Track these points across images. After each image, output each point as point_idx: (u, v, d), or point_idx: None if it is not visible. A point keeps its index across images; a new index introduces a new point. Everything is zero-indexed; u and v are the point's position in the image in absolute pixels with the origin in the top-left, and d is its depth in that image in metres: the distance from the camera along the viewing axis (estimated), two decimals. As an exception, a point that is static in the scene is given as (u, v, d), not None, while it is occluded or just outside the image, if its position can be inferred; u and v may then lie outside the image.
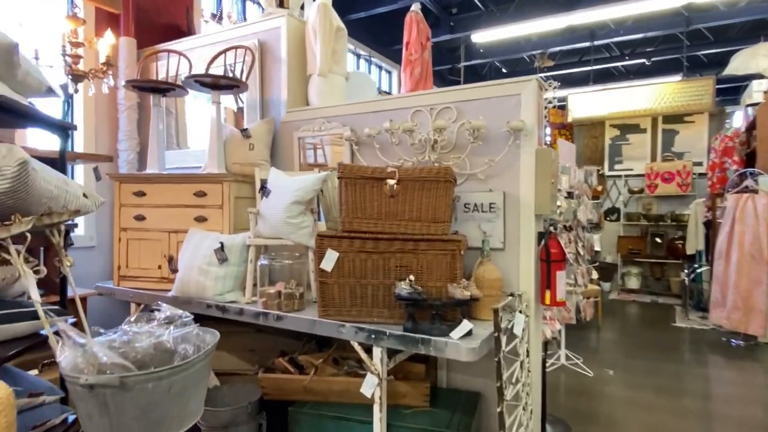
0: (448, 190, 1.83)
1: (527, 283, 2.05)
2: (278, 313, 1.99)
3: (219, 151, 2.60)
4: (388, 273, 1.85)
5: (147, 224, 2.58)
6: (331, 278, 1.87)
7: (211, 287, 2.22)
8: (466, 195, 2.16)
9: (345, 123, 2.53)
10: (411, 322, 1.72)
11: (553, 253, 2.03)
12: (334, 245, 1.87)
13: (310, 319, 1.89)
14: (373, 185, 1.88)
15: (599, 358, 4.08)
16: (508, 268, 2.09)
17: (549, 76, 7.44)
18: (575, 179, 3.22)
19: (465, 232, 2.16)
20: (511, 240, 2.09)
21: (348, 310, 1.87)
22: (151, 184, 2.57)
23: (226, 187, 2.46)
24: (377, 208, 1.87)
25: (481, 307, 1.91)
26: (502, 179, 2.11)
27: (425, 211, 1.84)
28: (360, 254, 1.86)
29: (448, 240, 1.80)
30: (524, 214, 2.06)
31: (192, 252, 2.33)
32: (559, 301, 2.06)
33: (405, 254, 1.83)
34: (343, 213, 1.90)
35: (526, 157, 2.05)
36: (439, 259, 1.81)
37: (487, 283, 1.91)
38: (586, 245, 3.39)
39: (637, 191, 7.17)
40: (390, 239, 1.84)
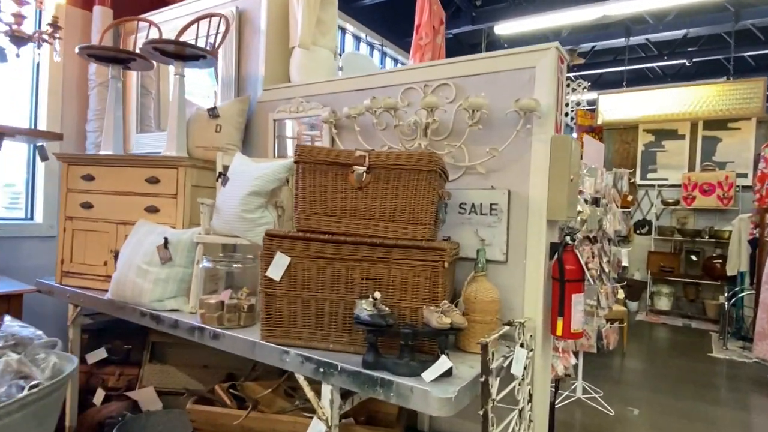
0: (433, 182, 1.41)
1: (534, 307, 1.61)
2: (215, 329, 1.59)
3: (180, 132, 2.23)
4: (352, 286, 1.43)
5: (94, 213, 2.23)
6: (279, 289, 1.47)
7: (148, 291, 1.84)
8: (462, 193, 1.73)
9: (325, 103, 2.13)
10: (372, 355, 1.30)
11: (569, 270, 1.58)
12: (285, 248, 1.47)
13: (250, 341, 1.49)
14: (337, 173, 1.46)
15: (622, 393, 3.56)
16: (510, 287, 1.64)
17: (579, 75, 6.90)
18: (602, 183, 2.74)
19: (459, 238, 1.73)
20: (516, 251, 1.65)
21: (298, 331, 1.47)
22: (100, 167, 2.22)
23: (181, 173, 2.08)
24: (341, 203, 1.46)
25: (471, 336, 1.48)
26: (507, 174, 1.67)
27: (401, 208, 1.42)
28: (317, 261, 1.45)
29: (429, 248, 1.38)
30: (534, 219, 1.61)
31: (133, 248, 1.96)
32: (574, 333, 1.60)
33: (373, 263, 1.42)
34: (298, 207, 1.49)
35: (538, 146, 1.61)
36: (417, 271, 1.39)
37: (479, 305, 1.48)
38: (612, 261, 2.90)
39: (672, 203, 6.56)
40: (355, 243, 1.42)
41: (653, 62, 7.50)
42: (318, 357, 1.34)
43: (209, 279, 1.87)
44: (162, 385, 2.11)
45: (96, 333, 2.28)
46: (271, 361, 1.44)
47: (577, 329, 1.60)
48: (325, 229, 1.47)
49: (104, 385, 2.20)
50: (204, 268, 1.73)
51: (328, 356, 1.37)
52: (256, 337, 1.50)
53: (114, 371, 2.23)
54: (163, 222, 2.09)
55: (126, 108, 2.99)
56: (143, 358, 2.18)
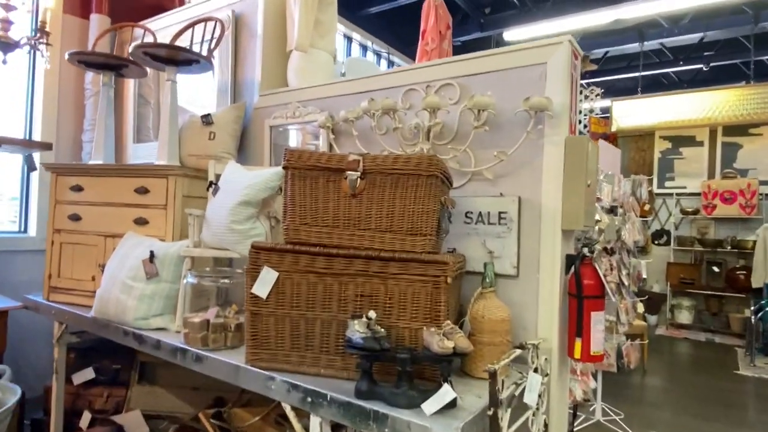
0: (434, 188, 1.27)
1: (548, 326, 1.45)
2: (198, 351, 1.46)
3: (171, 140, 2.12)
4: (345, 304, 1.30)
5: (83, 225, 2.13)
6: (266, 308, 1.34)
7: (132, 309, 1.72)
8: (468, 200, 1.59)
9: (323, 108, 2.01)
10: (365, 382, 1.16)
11: (587, 285, 1.42)
12: (272, 261, 1.34)
13: (234, 365, 1.35)
14: (329, 179, 1.34)
15: (644, 414, 3.35)
16: (522, 304, 1.49)
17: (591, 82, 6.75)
18: (620, 191, 2.58)
19: (465, 250, 1.59)
20: (528, 264, 1.50)
21: (286, 355, 1.33)
22: (89, 177, 2.12)
23: (171, 182, 1.97)
24: (333, 212, 1.33)
25: (479, 360, 1.33)
26: (517, 180, 1.53)
27: (399, 218, 1.28)
28: (307, 276, 1.32)
29: (430, 261, 1.23)
30: (547, 228, 1.47)
31: (119, 262, 1.84)
32: (594, 355, 1.44)
33: (369, 278, 1.28)
34: (287, 217, 1.36)
35: (551, 149, 1.46)
36: (416, 288, 1.24)
37: (488, 325, 1.33)
38: (632, 273, 2.73)
39: (691, 212, 6.33)
40: (348, 256, 1.29)
41: (668, 68, 7.31)
42: (305, 385, 1.19)
43: (198, 296, 1.75)
44: (150, 408, 1.98)
45: (83, 352, 2.16)
46: (256, 388, 1.30)
47: (597, 351, 1.44)
48: (315, 241, 1.33)
49: (91, 408, 2.08)
50: (189, 284, 1.60)
51: (318, 383, 1.23)
52: (242, 359, 1.36)
53: (102, 392, 2.11)
54: (153, 234, 1.97)
55: (123, 117, 2.92)
56: (131, 378, 2.06)
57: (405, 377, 1.13)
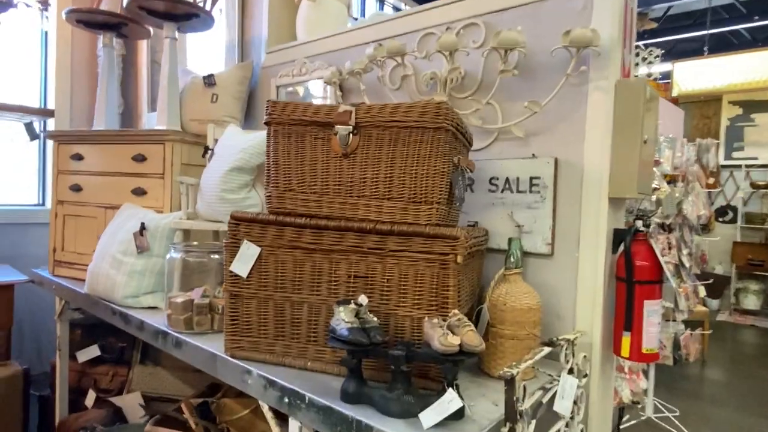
0: (443, 144, 1.02)
1: (589, 317, 1.19)
2: (178, 335, 1.29)
3: (171, 103, 1.95)
4: (336, 286, 1.08)
5: (83, 197, 2.01)
6: (247, 288, 1.14)
7: (122, 285, 1.58)
8: (493, 165, 1.33)
9: (332, 62, 1.77)
10: (353, 383, 0.94)
11: (641, 267, 1.14)
12: (254, 235, 1.14)
13: (210, 353, 1.17)
14: (317, 137, 1.11)
15: (701, 412, 2.99)
16: (556, 289, 1.23)
17: (650, 43, 6.11)
18: (682, 157, 2.21)
19: (489, 223, 1.34)
20: (565, 241, 1.22)
21: (270, 344, 1.13)
22: (88, 145, 1.99)
23: (168, 149, 1.81)
24: (322, 176, 1.10)
25: (498, 356, 1.09)
26: (553, 137, 1.25)
27: (400, 182, 1.04)
28: (293, 252, 1.11)
29: (436, 235, 0.99)
30: (590, 196, 1.19)
31: (110, 235, 1.71)
32: (646, 353, 1.17)
33: (363, 256, 1.05)
34: (270, 183, 1.15)
35: (597, 96, 1.17)
36: (420, 268, 1.01)
37: (511, 315, 1.08)
38: (694, 253, 2.37)
39: (763, 186, 5.68)
40: (339, 229, 1.06)
41: (740, 24, 6.51)
42: (283, 382, 0.99)
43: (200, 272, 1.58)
44: (152, 389, 1.87)
45: (89, 328, 2.07)
46: (233, 382, 1.12)
47: (650, 348, 1.16)
48: (302, 211, 1.12)
49: (96, 387, 1.99)
50: (173, 260, 1.43)
51: (303, 379, 1.03)
52: (220, 348, 1.18)
53: (107, 371, 2.02)
54: (150, 206, 1.82)
55: (137, 85, 2.79)
56: (132, 358, 1.95)
57: (400, 378, 0.91)
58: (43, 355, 2.51)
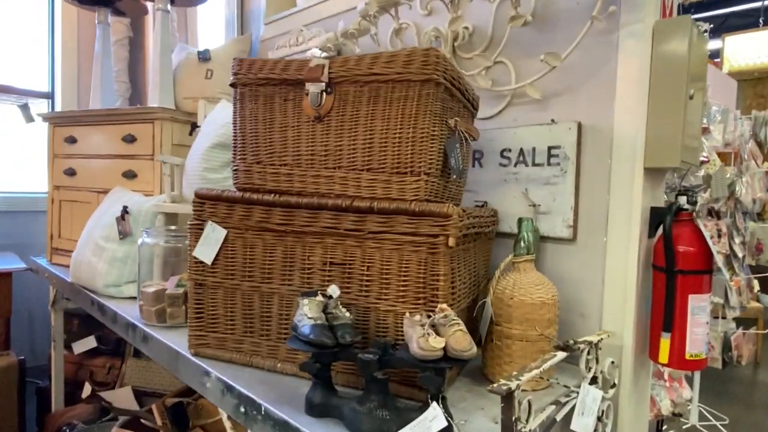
0: (433, 101, 0.83)
1: (619, 315, 0.98)
2: (145, 328, 1.16)
3: (163, 80, 1.83)
4: (310, 274, 0.91)
5: (78, 181, 1.92)
6: (212, 277, 0.99)
7: (102, 273, 1.47)
8: (505, 134, 1.13)
9: (329, 28, 1.60)
10: (319, 392, 0.77)
11: (685, 254, 0.92)
12: (219, 215, 0.98)
13: (174, 350, 1.03)
14: (287, 98, 0.94)
15: (753, 422, 2.68)
16: (579, 281, 1.02)
17: (698, 18, 5.64)
18: (735, 132, 1.92)
19: (500, 203, 1.14)
20: (590, 222, 1.02)
21: (238, 341, 0.98)
22: (81, 127, 1.89)
23: (158, 128, 1.69)
24: (293, 145, 0.94)
25: (504, 360, 0.90)
26: (576, 98, 1.04)
27: (382, 148, 0.86)
28: (262, 235, 0.95)
29: (424, 213, 0.81)
30: (621, 168, 0.97)
31: (95, 221, 1.60)
32: (691, 359, 0.95)
33: (341, 240, 0.88)
34: (237, 154, 0.99)
35: (630, 44, 0.95)
36: (405, 253, 0.83)
37: (519, 310, 0.88)
38: (748, 242, 2.08)
39: (826, 171, 5.16)
40: (312, 207, 0.90)
41: (802, -7, 5.92)
42: (240, 388, 0.84)
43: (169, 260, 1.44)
44: (145, 383, 1.77)
45: (86, 318, 1.99)
46: (194, 384, 0.97)
47: (696, 353, 0.95)
48: (272, 187, 0.95)
49: (92, 379, 1.91)
50: (145, 245, 1.30)
51: (269, 385, 0.87)
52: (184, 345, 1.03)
53: (104, 363, 1.94)
54: (141, 189, 1.71)
55: (144, 69, 2.70)
56: (126, 350, 1.85)
57: (374, 388, 0.74)
58: (43, 346, 2.47)
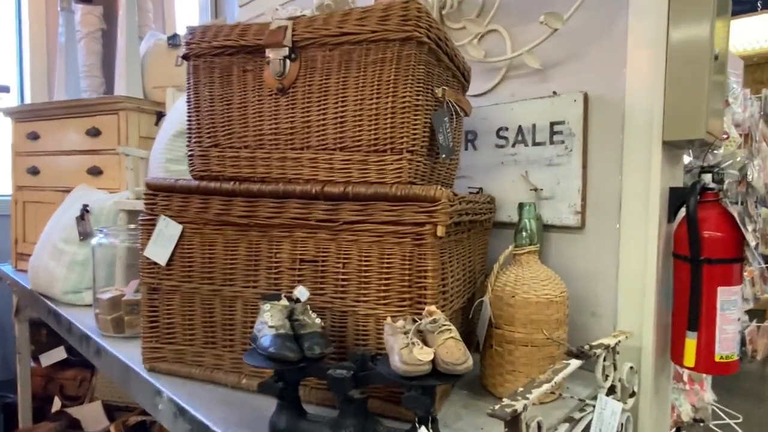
0: (413, 64, 0.70)
1: (636, 313, 0.85)
2: (99, 340, 1.02)
3: (130, 68, 1.69)
4: (278, 275, 0.78)
5: (41, 180, 1.78)
6: (167, 280, 0.86)
7: (61, 279, 1.33)
8: (501, 111, 1.00)
9: (305, 5, 1.46)
10: (285, 417, 0.64)
11: (711, 240, 0.80)
12: (173, 208, 0.85)
13: (124, 364, 0.90)
14: (246, 69, 0.80)
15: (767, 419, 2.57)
16: (590, 274, 0.90)
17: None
18: (745, 112, 1.80)
19: (497, 190, 1.01)
20: (601, 207, 0.89)
21: (198, 353, 0.85)
22: (43, 122, 1.75)
23: (123, 119, 1.55)
24: (254, 124, 0.80)
25: (505, 368, 0.77)
26: (581, 65, 0.91)
27: (356, 123, 0.73)
28: (223, 230, 0.81)
29: (407, 198, 0.68)
30: (635, 143, 0.84)
31: (54, 222, 1.46)
32: (721, 361, 0.82)
33: (312, 233, 0.75)
34: (192, 137, 0.86)
35: (639, 6, 0.82)
36: (386, 247, 0.70)
37: (523, 310, 0.75)
38: (760, 229, 1.96)
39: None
40: (279, 196, 0.76)
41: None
42: (194, 412, 0.71)
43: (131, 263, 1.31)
44: (117, 397, 1.63)
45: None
46: (146, 405, 0.84)
47: (728, 355, 0.82)
48: (231, 173, 0.82)
49: (63, 393, 1.77)
50: (100, 246, 1.16)
51: (230, 405, 0.74)
52: (135, 358, 0.90)
53: (75, 376, 1.80)
54: (107, 187, 1.58)
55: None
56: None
57: (350, 410, 0.61)
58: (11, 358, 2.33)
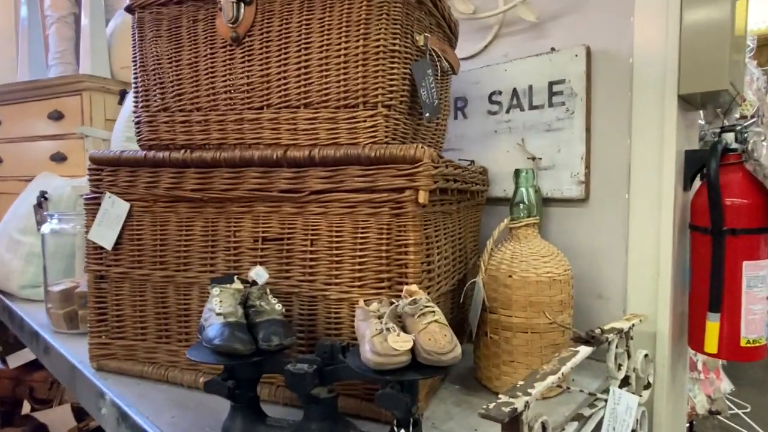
0: (392, 5, 0.59)
1: (650, 294, 0.75)
2: (49, 337, 0.92)
3: (95, 45, 1.58)
4: (237, 256, 0.67)
5: (4, 169, 1.67)
6: (116, 265, 0.75)
7: (17, 272, 1.22)
8: (494, 74, 0.89)
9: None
10: (240, 421, 0.54)
11: (735, 207, 0.70)
12: (119, 184, 0.74)
13: (70, 363, 0.79)
14: (196, 19, 0.69)
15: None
16: (595, 251, 0.79)
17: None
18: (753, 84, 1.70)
19: (490, 162, 0.91)
20: (607, 175, 0.79)
21: (151, 349, 0.74)
22: (4, 106, 1.64)
23: (86, 100, 1.43)
24: (207, 82, 0.69)
25: (502, 359, 0.66)
26: (582, 16, 0.80)
27: (322, 73, 0.62)
28: (175, 206, 0.70)
29: (383, 159, 0.57)
30: (646, 99, 0.74)
31: (12, 211, 1.35)
32: (748, 346, 0.73)
33: (275, 206, 0.64)
34: (139, 101, 0.75)
35: (654, -68, 0.71)
36: (360, 219, 0.59)
37: (521, 292, 0.65)
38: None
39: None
40: (236, 165, 0.65)
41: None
42: (136, 417, 0.60)
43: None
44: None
45: (23, 327, 1.73)
46: (90, 408, 0.73)
47: (756, 339, 0.73)
48: (183, 141, 0.71)
49: (33, 396, 1.66)
50: (52, 234, 1.05)
51: (184, 408, 0.64)
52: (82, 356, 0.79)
53: (45, 377, 1.68)
54: (72, 174, 1.46)
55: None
56: (66, 362, 1.61)
57: (316, 412, 0.50)
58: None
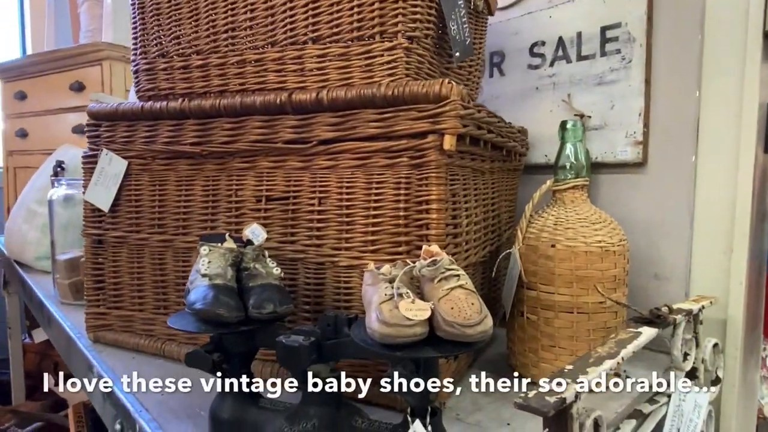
0: None
1: (718, 274, 0.63)
2: (53, 308, 0.87)
3: (117, 14, 1.54)
4: (238, 217, 0.60)
5: (30, 143, 1.66)
6: (113, 229, 0.69)
7: (33, 243, 1.19)
8: (535, 22, 0.79)
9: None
10: (229, 403, 0.46)
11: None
12: (117, 140, 0.68)
13: (66, 335, 0.74)
14: (197, -52, 0.61)
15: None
16: (653, 223, 0.68)
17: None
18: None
19: (528, 121, 0.80)
20: (669, 135, 0.67)
21: (148, 320, 0.68)
22: (28, 79, 1.62)
23: (107, 70, 1.40)
24: (207, 20, 0.61)
25: (542, 344, 0.56)
26: (645, -55, 0.68)
27: (333, 7, 0.53)
28: (174, 163, 0.63)
29: (405, 99, 0.48)
30: (720, 43, 0.62)
31: (31, 183, 1.33)
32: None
33: (279, 160, 0.56)
34: (138, 48, 0.68)
35: None
36: (375, 172, 0.50)
37: (566, 264, 0.55)
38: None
39: None
40: (236, 113, 0.58)
41: None
42: (120, 394, 0.53)
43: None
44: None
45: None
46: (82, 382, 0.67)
47: None
48: (183, 90, 0.64)
49: (56, 371, 1.66)
50: (58, 200, 1.01)
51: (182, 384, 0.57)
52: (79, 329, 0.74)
53: (69, 352, 1.68)
54: (94, 146, 1.43)
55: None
56: (88, 338, 1.60)
57: (315, 396, 0.42)
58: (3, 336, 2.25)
